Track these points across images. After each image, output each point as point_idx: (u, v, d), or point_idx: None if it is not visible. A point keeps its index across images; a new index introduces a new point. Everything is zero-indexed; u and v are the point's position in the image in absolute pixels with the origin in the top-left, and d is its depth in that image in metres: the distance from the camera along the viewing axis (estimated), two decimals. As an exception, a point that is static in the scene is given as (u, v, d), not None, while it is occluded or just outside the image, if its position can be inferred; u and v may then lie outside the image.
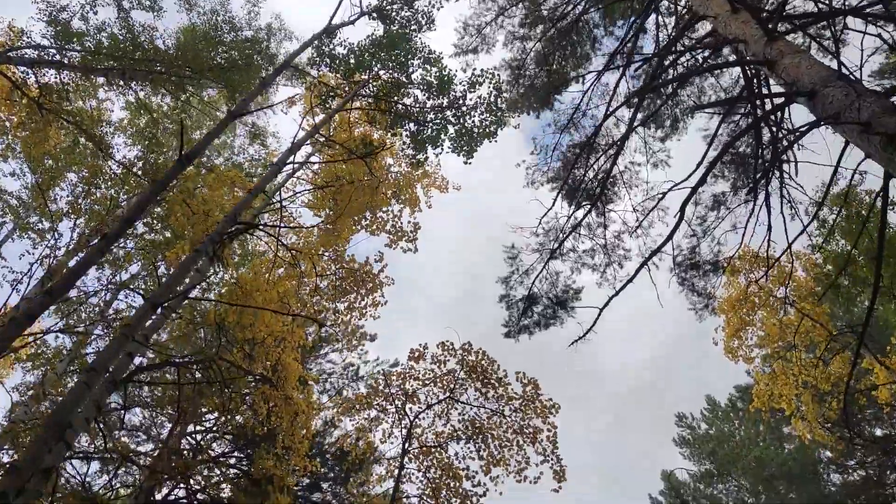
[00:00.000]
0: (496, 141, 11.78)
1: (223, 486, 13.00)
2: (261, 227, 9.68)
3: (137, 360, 7.90)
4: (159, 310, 8.06)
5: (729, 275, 12.33)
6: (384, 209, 10.04)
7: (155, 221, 11.07)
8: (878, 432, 13.42)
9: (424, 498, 9.39)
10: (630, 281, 7.96)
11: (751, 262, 12.15)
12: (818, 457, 15.16)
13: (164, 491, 13.65)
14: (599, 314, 8.60)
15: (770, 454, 14.75)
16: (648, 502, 22.33)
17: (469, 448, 9.51)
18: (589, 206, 10.41)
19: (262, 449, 11.02)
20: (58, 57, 10.33)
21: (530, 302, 11.72)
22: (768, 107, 8.87)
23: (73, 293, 12.04)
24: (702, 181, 6.45)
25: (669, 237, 7.54)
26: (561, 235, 11.01)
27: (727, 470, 13.75)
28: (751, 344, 12.01)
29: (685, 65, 10.23)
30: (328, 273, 9.99)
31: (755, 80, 8.89)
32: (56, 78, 10.25)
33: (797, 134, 7.52)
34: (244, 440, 13.29)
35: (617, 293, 8.29)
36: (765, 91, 8.67)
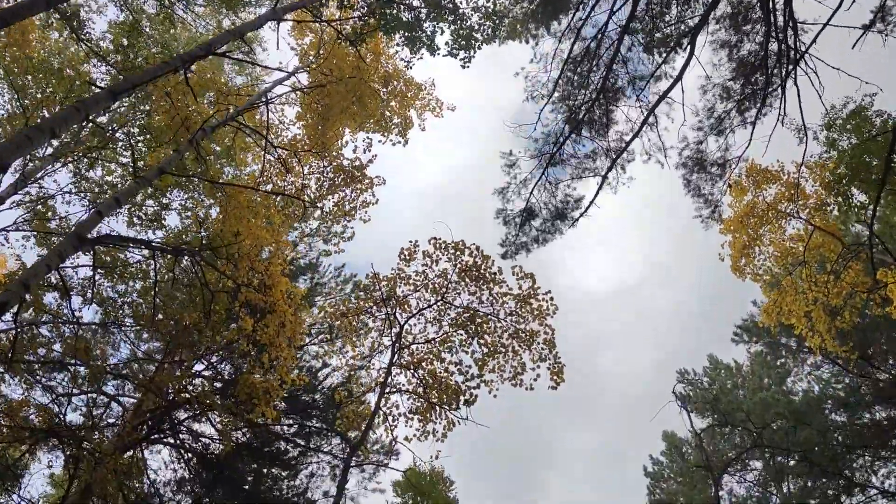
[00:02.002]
0: (497, 43, 11.28)
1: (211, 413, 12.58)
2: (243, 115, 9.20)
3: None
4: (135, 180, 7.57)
5: (735, 193, 11.85)
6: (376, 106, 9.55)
7: (135, 132, 10.59)
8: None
9: (412, 395, 8.93)
10: (636, 136, 7.46)
11: (758, 179, 11.65)
12: (826, 398, 14.67)
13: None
14: (602, 182, 8.10)
15: (775, 397, 14.27)
16: (650, 462, 21.92)
17: (461, 336, 9.02)
18: (590, 102, 9.90)
19: (247, 367, 10.57)
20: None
21: (528, 215, 11.22)
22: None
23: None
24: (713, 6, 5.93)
25: (678, 77, 7.03)
26: (560, 139, 10.52)
27: (731, 420, 13.33)
28: (759, 262, 11.52)
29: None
30: (316, 172, 9.52)
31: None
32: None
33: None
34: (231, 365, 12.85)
35: (620, 153, 7.79)
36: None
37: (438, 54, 11.09)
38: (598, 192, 9.15)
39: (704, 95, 9.38)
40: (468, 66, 11.09)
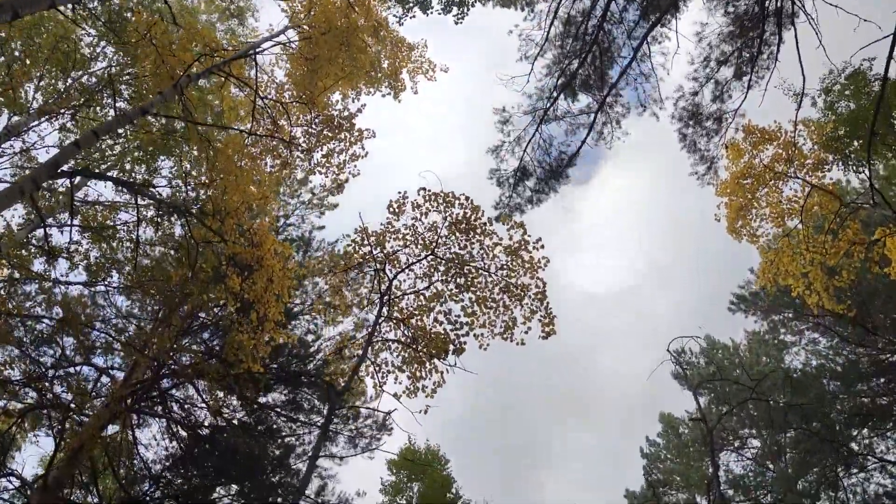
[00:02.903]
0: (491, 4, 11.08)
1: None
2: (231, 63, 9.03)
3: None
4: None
5: (732, 155, 11.67)
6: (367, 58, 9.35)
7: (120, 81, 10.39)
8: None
9: (400, 347, 8.76)
10: (624, 71, 7.27)
11: (755, 140, 11.47)
12: (824, 370, 14.50)
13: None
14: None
15: (772, 370, 14.10)
16: (646, 443, 21.76)
17: (451, 290, 8.84)
18: (584, 55, 9.72)
19: (234, 326, 10.38)
20: None
21: (522, 174, 11.04)
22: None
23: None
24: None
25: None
26: (555, 93, 10.35)
27: (726, 375, 13.16)
28: (755, 224, 11.35)
29: None
30: (304, 125, 9.33)
31: None
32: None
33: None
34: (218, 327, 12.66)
35: (610, 90, 7.61)
36: None
37: (431, 12, 10.91)
38: (586, 137, 8.94)
39: (700, 43, 9.21)
40: (461, 23, 10.90)
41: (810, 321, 12.88)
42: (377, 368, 9.00)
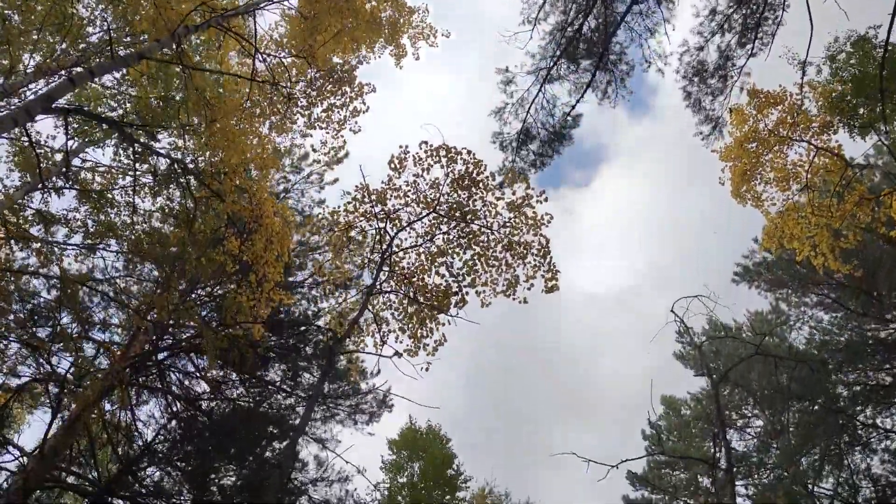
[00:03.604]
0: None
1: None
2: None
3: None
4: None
5: (736, 120, 11.55)
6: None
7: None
8: None
9: (401, 301, 8.64)
10: (623, 17, 7.13)
11: (760, 103, 11.35)
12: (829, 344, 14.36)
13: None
14: (591, 80, 7.80)
15: (777, 324, 13.83)
16: (647, 426, 21.64)
17: (452, 246, 8.71)
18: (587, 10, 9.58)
19: (233, 288, 10.26)
20: None
21: (525, 137, 10.92)
22: None
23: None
24: None
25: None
26: (558, 51, 10.21)
27: (730, 333, 12.99)
28: (760, 189, 11.24)
29: None
30: (303, 80, 9.20)
31: None
32: None
33: None
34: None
35: (609, 38, 7.48)
36: None
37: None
38: (585, 91, 8.81)
39: (705, -4, 9.08)
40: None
41: (815, 292, 12.74)
42: (377, 324, 8.89)
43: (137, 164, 11.68)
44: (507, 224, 9.02)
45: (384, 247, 9.17)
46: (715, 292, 8.53)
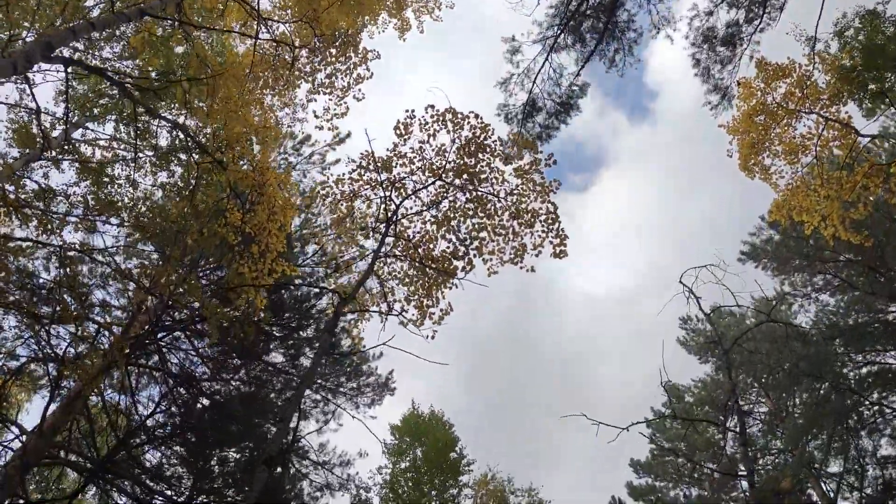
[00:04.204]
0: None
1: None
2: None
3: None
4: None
5: (744, 93, 11.42)
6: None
7: None
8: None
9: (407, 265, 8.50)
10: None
11: (768, 76, 11.21)
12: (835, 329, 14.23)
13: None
14: (595, 48, 7.66)
15: (788, 292, 13.61)
16: (651, 413, 21.52)
17: (458, 215, 8.55)
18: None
19: (235, 260, 10.11)
20: None
21: (531, 108, 10.79)
22: None
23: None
24: None
25: None
26: (565, 18, 10.08)
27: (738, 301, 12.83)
28: (768, 162, 11.11)
29: None
30: (307, 46, 9.05)
31: None
32: None
33: None
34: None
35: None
36: None
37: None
38: (590, 55, 8.68)
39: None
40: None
41: (822, 271, 12.60)
42: (382, 287, 8.74)
43: (139, 139, 11.59)
44: (515, 192, 8.88)
45: (389, 214, 9.04)
46: (724, 261, 8.40)
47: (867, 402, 13.21)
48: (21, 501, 10.83)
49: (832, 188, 10.45)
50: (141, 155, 11.41)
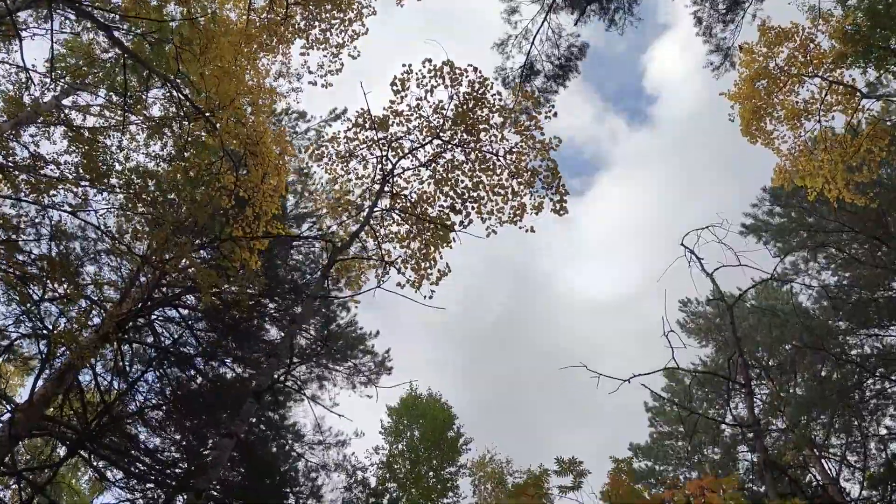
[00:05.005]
0: None
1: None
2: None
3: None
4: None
5: (746, 59, 11.25)
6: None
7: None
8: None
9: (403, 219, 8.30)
10: None
11: (771, 40, 11.05)
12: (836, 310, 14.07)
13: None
14: None
15: (793, 249, 13.30)
16: (650, 398, 21.35)
17: (457, 175, 8.33)
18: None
19: (229, 224, 9.90)
20: None
21: (529, 71, 10.62)
22: None
23: None
24: None
25: None
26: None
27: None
28: (770, 127, 10.95)
29: None
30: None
31: None
32: None
33: None
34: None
35: None
36: None
37: None
38: (584, 10, 8.51)
39: None
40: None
41: (825, 241, 12.40)
42: (376, 239, 8.54)
43: (129, 101, 11.37)
44: (514, 149, 8.69)
45: (385, 175, 8.84)
46: (727, 220, 8.24)
47: (869, 376, 13.03)
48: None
49: (836, 151, 10.30)
50: (132, 117, 11.21)
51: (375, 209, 8.10)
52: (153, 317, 13.50)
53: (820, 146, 10.51)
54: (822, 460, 14.44)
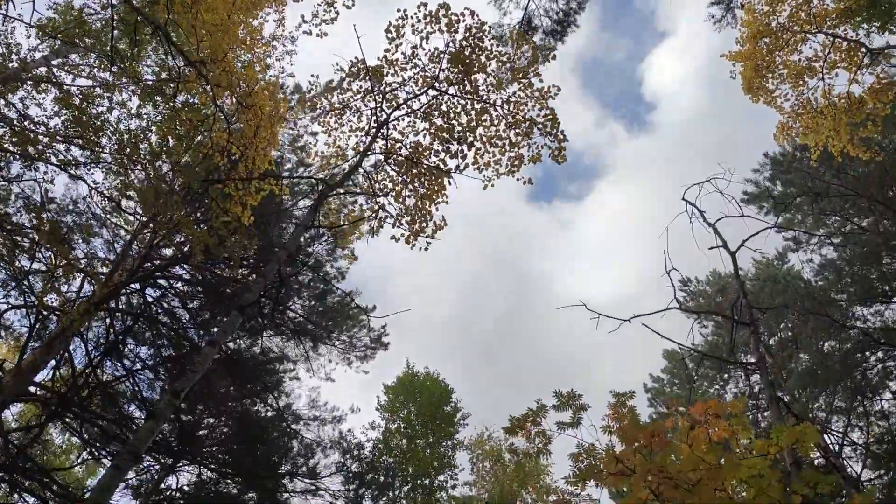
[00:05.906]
0: None
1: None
2: None
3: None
4: None
5: (747, 19, 11.07)
6: None
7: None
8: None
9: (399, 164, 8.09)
10: None
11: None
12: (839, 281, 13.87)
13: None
14: None
15: (797, 196, 13.06)
16: (650, 379, 21.21)
17: (453, 124, 8.12)
18: None
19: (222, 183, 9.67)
20: None
21: (527, 27, 10.41)
22: None
23: None
24: None
25: None
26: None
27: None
28: (772, 86, 10.76)
29: None
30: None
31: None
32: None
33: None
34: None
35: None
36: None
37: None
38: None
39: None
40: None
41: (827, 212, 12.22)
42: (371, 186, 8.33)
43: (118, 58, 11.15)
44: (512, 99, 8.49)
45: (379, 125, 8.64)
46: (730, 169, 8.01)
47: (874, 343, 12.82)
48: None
49: (839, 107, 10.12)
50: (124, 80, 11.00)
51: (369, 153, 7.89)
52: (147, 284, 13.31)
53: (823, 102, 10.33)
54: (825, 435, 14.24)
